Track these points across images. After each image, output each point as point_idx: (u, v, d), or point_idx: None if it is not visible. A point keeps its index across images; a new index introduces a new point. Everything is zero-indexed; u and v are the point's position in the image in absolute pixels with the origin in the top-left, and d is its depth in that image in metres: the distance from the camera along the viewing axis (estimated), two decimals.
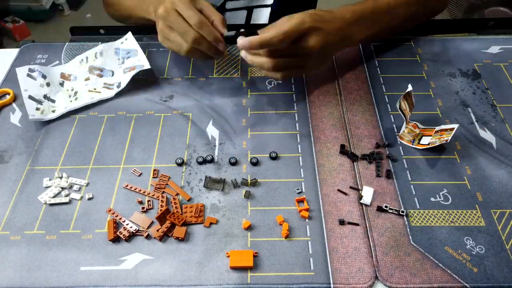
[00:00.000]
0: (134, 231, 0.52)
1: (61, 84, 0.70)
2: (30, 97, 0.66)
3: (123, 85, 0.69)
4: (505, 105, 0.67)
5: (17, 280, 0.48)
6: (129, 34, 0.76)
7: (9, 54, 0.77)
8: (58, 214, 0.54)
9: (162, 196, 0.55)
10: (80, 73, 0.72)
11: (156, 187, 0.56)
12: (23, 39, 1.86)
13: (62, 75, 0.71)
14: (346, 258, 0.50)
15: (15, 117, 0.66)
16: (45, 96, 0.67)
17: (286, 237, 0.51)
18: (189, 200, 0.55)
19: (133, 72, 0.70)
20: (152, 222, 0.53)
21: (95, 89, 0.70)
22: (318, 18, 0.59)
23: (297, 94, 0.69)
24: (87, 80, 0.71)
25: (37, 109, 0.65)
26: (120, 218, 0.53)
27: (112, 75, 0.72)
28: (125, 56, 0.75)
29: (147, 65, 0.70)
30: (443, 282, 0.48)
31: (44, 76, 0.69)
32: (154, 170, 0.58)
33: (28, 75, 0.68)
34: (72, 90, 0.70)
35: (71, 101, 0.68)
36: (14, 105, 0.68)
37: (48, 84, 0.69)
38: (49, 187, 0.57)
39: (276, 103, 0.67)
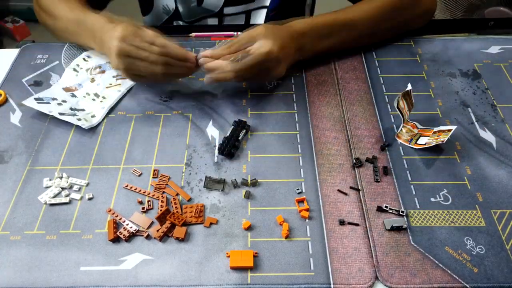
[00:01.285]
0: (134, 231, 0.52)
1: (73, 96, 0.68)
2: (61, 114, 0.64)
3: None
4: (505, 105, 0.67)
5: (17, 280, 0.48)
6: None
7: (9, 54, 0.77)
8: (58, 214, 0.54)
9: (162, 196, 0.55)
10: (82, 79, 0.71)
11: (156, 187, 0.56)
12: (23, 39, 1.86)
13: (66, 89, 0.69)
14: (346, 258, 0.50)
15: (15, 117, 0.66)
16: (72, 109, 0.66)
17: (286, 237, 0.51)
18: (189, 200, 0.55)
19: None
20: (152, 222, 0.53)
21: (111, 84, 0.70)
22: (269, 29, 0.62)
23: (297, 94, 0.69)
24: (94, 81, 0.71)
25: (79, 119, 0.64)
26: (120, 218, 0.53)
27: None
28: None
29: None
30: (443, 282, 0.47)
31: (54, 99, 0.67)
32: (154, 170, 0.58)
33: (39, 102, 0.66)
34: (89, 94, 0.69)
35: (101, 101, 0.68)
36: (14, 105, 0.68)
37: (64, 101, 0.67)
38: (49, 187, 0.57)
39: (276, 103, 0.67)
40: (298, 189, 0.56)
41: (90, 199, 0.56)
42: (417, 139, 0.61)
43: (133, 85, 0.71)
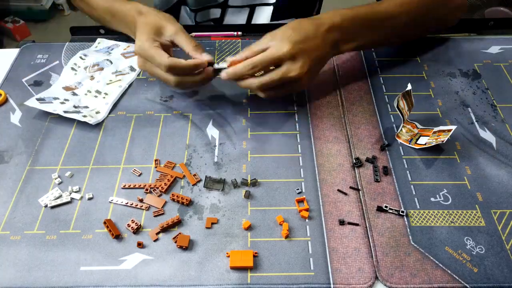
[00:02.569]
0: (140, 225, 0.52)
1: (75, 94, 0.68)
2: (66, 112, 0.64)
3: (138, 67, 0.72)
4: (505, 105, 0.67)
5: (17, 280, 0.48)
6: (99, 39, 0.79)
7: (9, 54, 0.77)
8: (58, 214, 0.54)
9: (170, 177, 0.57)
10: (81, 77, 0.71)
11: (163, 169, 0.58)
12: (23, 39, 1.86)
13: (66, 88, 0.69)
14: (346, 258, 0.50)
15: (15, 117, 0.66)
16: (75, 107, 0.66)
17: (286, 237, 0.51)
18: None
19: None
20: (166, 202, 0.54)
21: (110, 80, 0.70)
22: (299, 39, 0.57)
23: (297, 94, 0.69)
24: (93, 79, 0.71)
25: (84, 116, 0.64)
26: (140, 186, 0.53)
27: (112, 64, 0.73)
28: (108, 50, 0.76)
29: None
30: (443, 282, 0.47)
31: (55, 98, 0.67)
32: (155, 160, 0.60)
33: (41, 102, 0.65)
34: (91, 92, 0.69)
35: (104, 97, 0.68)
36: (14, 105, 0.68)
37: (66, 100, 0.67)
38: (54, 187, 0.57)
39: (276, 103, 0.67)
40: (298, 189, 0.56)
41: (90, 199, 0.56)
42: (417, 139, 0.61)
43: (133, 80, 0.71)
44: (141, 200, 0.55)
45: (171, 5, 0.91)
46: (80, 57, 0.74)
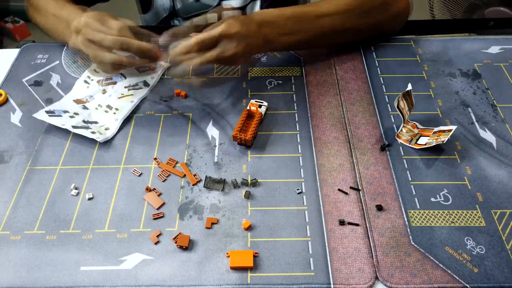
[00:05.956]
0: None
1: (85, 108, 0.67)
2: (74, 127, 0.63)
3: (151, 83, 0.71)
4: (505, 105, 0.67)
5: (17, 280, 0.48)
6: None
7: (9, 54, 0.77)
8: (58, 214, 0.54)
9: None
10: (94, 90, 0.69)
11: (164, 166, 0.59)
12: (23, 39, 1.86)
13: (77, 101, 0.68)
14: (346, 259, 0.50)
15: (15, 117, 0.66)
16: (84, 122, 0.64)
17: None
18: (194, 184, 0.55)
19: (159, 72, 0.73)
20: (164, 203, 0.54)
21: (122, 94, 0.69)
22: (236, 22, 0.61)
23: (297, 94, 0.69)
24: (105, 92, 0.69)
25: (93, 132, 0.62)
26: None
27: (125, 78, 0.72)
28: None
29: (164, 64, 0.74)
30: (443, 282, 0.47)
31: (65, 111, 0.65)
32: (155, 158, 0.60)
33: (51, 115, 0.64)
34: (101, 106, 0.67)
35: (114, 113, 0.66)
36: (14, 105, 0.68)
37: (76, 114, 0.65)
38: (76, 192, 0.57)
39: (276, 103, 0.67)
40: (298, 189, 0.56)
41: (90, 199, 0.56)
42: (417, 139, 0.61)
43: (145, 95, 0.70)
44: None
45: (160, 20, 0.91)
46: (94, 70, 0.73)
